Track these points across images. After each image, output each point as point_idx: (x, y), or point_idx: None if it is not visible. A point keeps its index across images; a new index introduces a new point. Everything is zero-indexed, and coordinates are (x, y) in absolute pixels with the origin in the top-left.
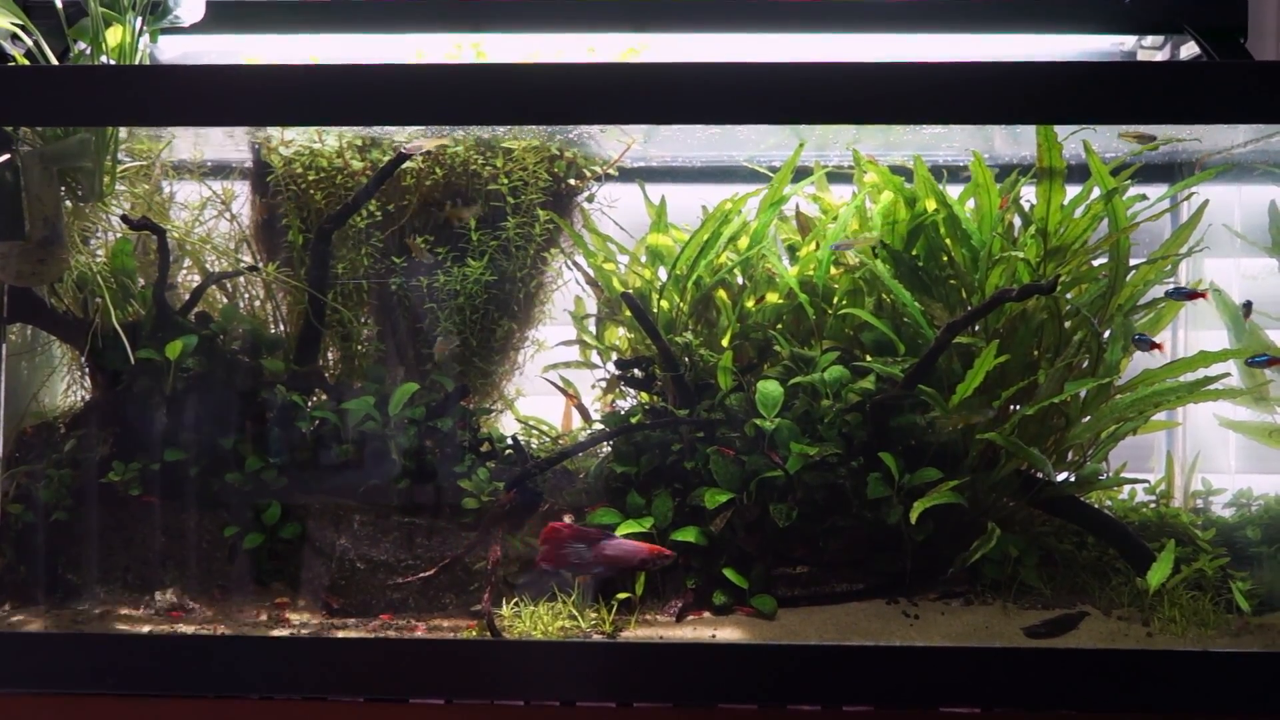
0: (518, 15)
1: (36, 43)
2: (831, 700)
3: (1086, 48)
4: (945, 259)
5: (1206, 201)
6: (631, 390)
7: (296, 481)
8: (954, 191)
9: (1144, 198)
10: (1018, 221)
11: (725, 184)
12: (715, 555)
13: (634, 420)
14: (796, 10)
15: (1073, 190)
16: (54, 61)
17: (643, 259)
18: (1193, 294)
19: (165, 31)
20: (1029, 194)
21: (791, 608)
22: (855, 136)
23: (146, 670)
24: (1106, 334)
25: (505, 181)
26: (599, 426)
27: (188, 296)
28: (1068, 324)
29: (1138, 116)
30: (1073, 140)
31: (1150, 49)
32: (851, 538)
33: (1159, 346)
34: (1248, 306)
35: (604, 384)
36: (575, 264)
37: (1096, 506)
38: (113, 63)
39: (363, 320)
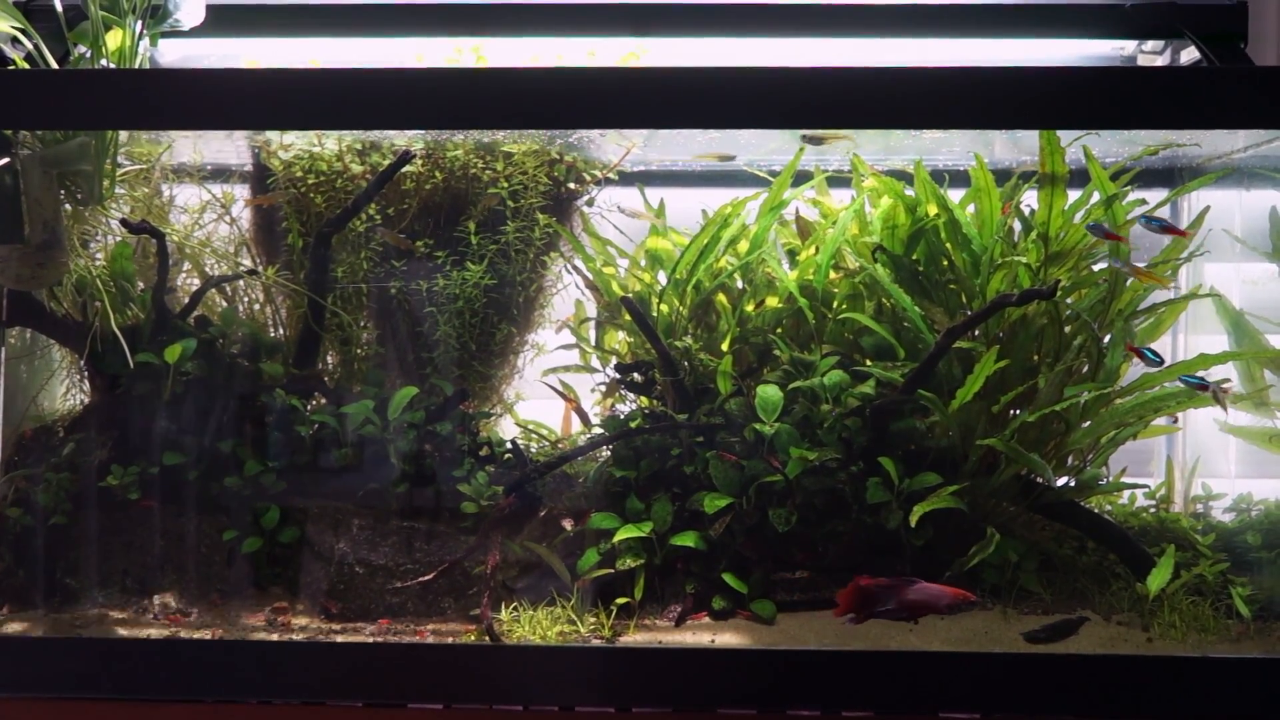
0: (518, 19)
1: (36, 46)
2: (831, 705)
3: (1087, 52)
4: (946, 263)
5: (1208, 207)
6: (631, 394)
7: (295, 485)
8: (954, 196)
9: (1144, 202)
10: (1018, 226)
11: (725, 188)
12: (714, 560)
13: (633, 424)
14: (797, 15)
15: (1073, 195)
16: (54, 65)
17: (642, 263)
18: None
19: (165, 35)
20: (1030, 199)
21: (791, 612)
22: (855, 141)
23: (145, 675)
24: (1106, 339)
25: (505, 185)
26: (598, 431)
27: (187, 300)
28: (1068, 329)
29: (1138, 121)
30: (1073, 145)
31: (1151, 54)
32: (851, 542)
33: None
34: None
35: (603, 388)
36: (575, 268)
37: (1096, 511)
38: (113, 66)
39: (362, 324)
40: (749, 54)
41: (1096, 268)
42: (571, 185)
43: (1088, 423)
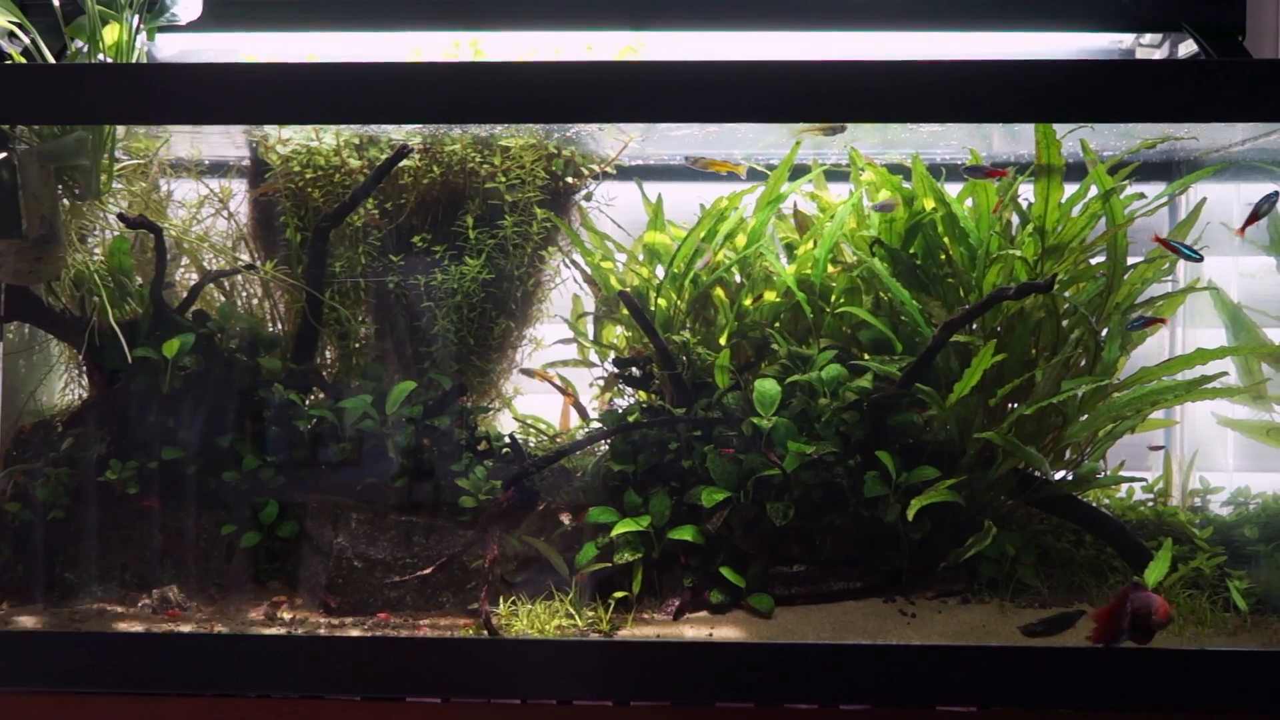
0: (516, 13)
1: (34, 41)
2: (828, 699)
3: (1085, 46)
4: (943, 257)
5: (1204, 199)
6: (629, 389)
7: (294, 480)
8: (951, 190)
9: (1142, 196)
10: (1015, 219)
11: (723, 182)
12: (712, 554)
13: (631, 419)
14: (794, 8)
15: (1070, 188)
16: (51, 59)
17: (640, 257)
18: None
19: (162, 29)
20: (1027, 191)
21: (789, 606)
22: (853, 135)
23: (144, 669)
24: (1104, 332)
25: (503, 180)
26: (597, 425)
27: (185, 295)
28: (1065, 322)
29: (1136, 115)
30: (1070, 137)
31: (1149, 47)
32: (848, 536)
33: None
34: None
35: (602, 383)
36: (573, 262)
37: (1094, 505)
38: (110, 61)
39: (360, 319)
40: (746, 48)
41: (1094, 261)
42: (569, 179)
43: (1085, 416)
